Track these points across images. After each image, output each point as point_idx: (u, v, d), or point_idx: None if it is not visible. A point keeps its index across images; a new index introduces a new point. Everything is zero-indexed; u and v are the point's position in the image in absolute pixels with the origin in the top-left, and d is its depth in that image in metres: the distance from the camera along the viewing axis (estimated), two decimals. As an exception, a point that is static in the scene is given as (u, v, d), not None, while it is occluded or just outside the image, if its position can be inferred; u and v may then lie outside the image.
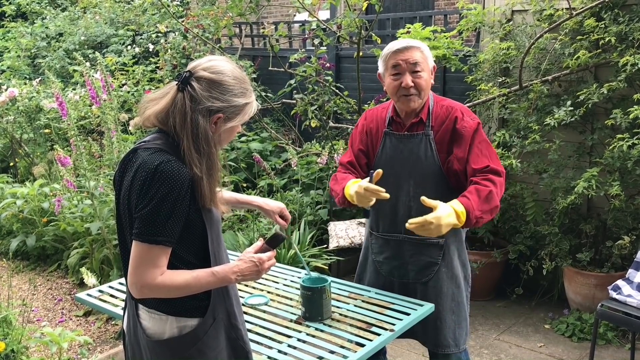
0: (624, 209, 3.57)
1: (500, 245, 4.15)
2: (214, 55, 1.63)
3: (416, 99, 2.23)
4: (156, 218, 1.49)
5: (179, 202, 1.50)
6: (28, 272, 4.70)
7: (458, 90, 4.70)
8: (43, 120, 5.88)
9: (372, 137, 2.39)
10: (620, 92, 3.55)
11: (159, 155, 1.53)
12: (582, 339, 3.57)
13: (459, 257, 2.38)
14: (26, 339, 3.16)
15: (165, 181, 1.49)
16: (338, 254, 4.17)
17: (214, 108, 1.56)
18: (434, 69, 2.30)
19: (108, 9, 8.76)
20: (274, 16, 9.20)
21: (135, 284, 1.52)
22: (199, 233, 1.60)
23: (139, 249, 1.51)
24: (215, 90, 1.56)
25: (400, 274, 2.39)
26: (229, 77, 1.59)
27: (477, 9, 4.21)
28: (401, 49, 2.21)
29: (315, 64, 4.60)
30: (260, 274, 1.67)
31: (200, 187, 1.54)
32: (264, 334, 2.10)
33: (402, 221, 2.32)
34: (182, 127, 1.54)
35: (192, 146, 1.53)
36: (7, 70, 8.31)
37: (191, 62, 1.62)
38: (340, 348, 1.98)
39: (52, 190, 4.78)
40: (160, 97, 1.59)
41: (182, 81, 1.56)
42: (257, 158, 4.57)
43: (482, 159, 2.19)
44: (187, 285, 1.55)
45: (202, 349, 1.62)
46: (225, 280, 1.61)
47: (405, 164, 2.29)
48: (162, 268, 1.52)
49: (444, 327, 2.33)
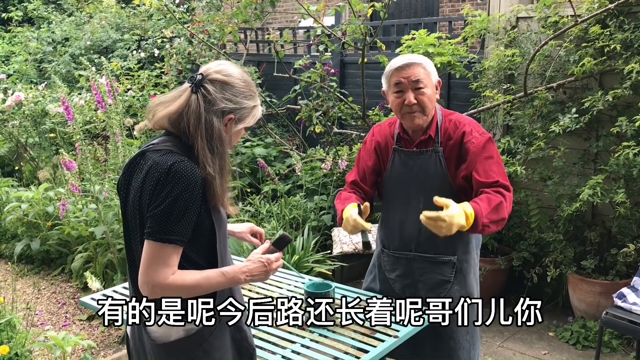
0: (629, 217, 3.56)
1: (505, 252, 4.14)
2: (219, 60, 1.67)
3: (420, 115, 2.20)
4: (169, 217, 1.51)
5: (192, 202, 1.53)
6: (32, 276, 4.71)
7: (463, 96, 4.70)
8: (48, 124, 5.91)
9: (382, 153, 2.36)
10: (625, 99, 3.55)
11: (171, 156, 1.55)
12: (587, 347, 3.55)
13: (474, 275, 2.34)
14: (30, 343, 3.17)
15: (179, 180, 1.51)
16: (342, 259, 4.17)
17: (226, 109, 1.60)
18: (439, 84, 2.26)
19: (114, 14, 8.81)
20: (279, 22, 9.24)
21: (147, 283, 1.53)
22: (207, 234, 1.61)
23: (151, 248, 1.52)
24: (228, 92, 1.61)
25: (412, 292, 2.34)
26: (239, 79, 1.64)
27: (481, 16, 4.22)
28: (403, 67, 2.19)
29: (320, 70, 4.61)
30: (269, 274, 1.69)
31: (213, 187, 1.56)
32: (268, 340, 2.10)
33: (412, 239, 2.31)
34: (196, 127, 1.56)
35: (207, 146, 1.56)
36: (14, 74, 8.36)
37: (202, 67, 1.66)
38: (344, 354, 1.98)
39: (56, 194, 4.79)
40: (172, 100, 1.61)
41: (195, 83, 1.59)
42: (262, 163, 4.58)
43: (491, 174, 2.15)
44: (198, 285, 1.57)
45: (207, 350, 1.63)
46: (235, 280, 1.63)
47: (414, 181, 2.27)
48: (173, 267, 1.53)
49: (458, 347, 2.29)
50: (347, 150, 4.76)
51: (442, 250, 2.28)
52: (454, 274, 2.29)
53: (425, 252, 2.29)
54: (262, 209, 4.60)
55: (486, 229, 2.05)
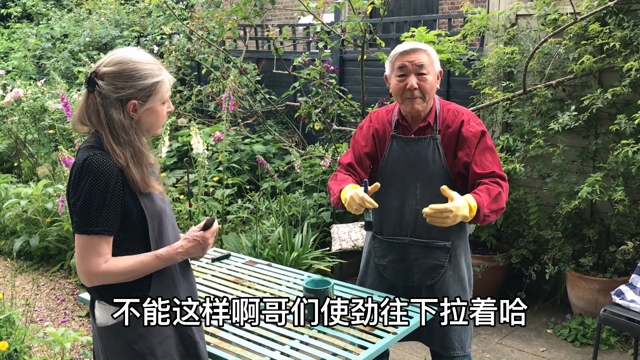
0: (628, 214, 3.57)
1: (503, 249, 4.14)
2: (114, 50, 1.74)
3: (420, 101, 2.24)
4: (89, 209, 1.59)
5: (109, 192, 1.59)
6: (31, 272, 4.71)
7: (462, 94, 4.70)
8: (47, 120, 5.91)
9: (379, 140, 2.38)
10: (624, 97, 3.55)
11: (87, 151, 1.63)
12: (585, 344, 3.56)
13: (465, 260, 2.38)
14: (29, 339, 3.17)
15: (90, 173, 1.59)
16: (341, 256, 4.17)
17: (123, 97, 1.64)
18: (440, 74, 2.30)
19: (113, 10, 8.80)
20: (279, 19, 9.22)
21: (83, 274, 1.63)
22: (138, 222, 1.67)
23: (80, 241, 1.61)
24: (119, 81, 1.63)
25: (405, 277, 2.38)
26: (130, 63, 1.66)
27: (481, 13, 4.22)
28: (408, 51, 2.23)
29: (320, 67, 4.61)
30: (206, 249, 1.76)
31: (129, 174, 1.63)
32: (266, 336, 2.10)
33: (408, 224, 2.34)
34: (99, 124, 1.64)
35: (111, 139, 1.63)
36: (12, 70, 8.35)
37: (96, 62, 1.71)
38: (343, 351, 1.98)
39: (55, 191, 4.79)
40: (79, 104, 1.70)
41: (88, 83, 1.65)
42: (261, 160, 4.58)
43: (487, 164, 2.22)
44: (132, 270, 1.64)
45: (143, 334, 1.69)
46: (171, 260, 1.70)
47: (412, 167, 2.30)
48: (105, 256, 1.61)
49: (450, 329, 2.33)
50: (347, 147, 4.76)
51: (437, 235, 2.31)
52: (448, 258, 2.32)
53: (420, 237, 2.32)
54: (261, 206, 4.60)
55: (487, 219, 2.13)
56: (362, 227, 4.22)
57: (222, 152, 4.33)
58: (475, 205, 2.08)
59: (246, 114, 5.91)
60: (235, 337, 2.08)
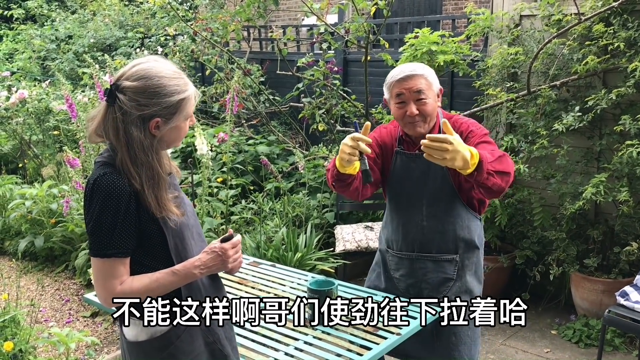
0: (632, 215, 3.56)
1: (507, 250, 4.14)
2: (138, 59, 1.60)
3: (422, 124, 2.20)
4: (100, 232, 1.51)
5: (120, 215, 1.50)
6: (36, 273, 4.73)
7: (466, 95, 4.70)
8: (52, 121, 5.93)
9: (386, 154, 2.36)
10: (629, 97, 3.54)
11: (100, 169, 1.54)
12: (589, 345, 3.55)
13: (475, 274, 2.34)
14: (34, 339, 3.18)
15: (100, 195, 1.50)
16: (345, 257, 4.17)
17: (146, 115, 1.52)
18: (440, 92, 2.26)
19: (117, 12, 8.82)
20: (282, 20, 9.23)
21: (100, 297, 1.57)
22: (158, 240, 1.58)
23: (95, 264, 1.54)
24: (142, 97, 1.51)
25: (415, 292, 2.36)
26: (155, 79, 1.53)
27: (485, 14, 4.21)
28: (404, 78, 2.17)
29: (323, 68, 4.62)
30: (226, 262, 1.63)
31: (144, 198, 1.53)
32: (270, 337, 2.10)
33: (414, 240, 2.32)
34: (117, 140, 1.53)
35: (128, 158, 1.51)
36: (17, 71, 8.38)
37: (117, 72, 1.58)
38: (347, 351, 1.99)
39: (60, 192, 4.81)
40: (96, 115, 1.58)
41: (108, 95, 1.53)
42: (265, 161, 4.59)
43: (489, 153, 2.08)
44: (148, 289, 1.56)
45: (174, 354, 1.61)
46: (190, 276, 1.59)
47: (417, 183, 2.28)
48: (121, 277, 1.54)
49: (460, 343, 2.30)
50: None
51: (445, 249, 2.29)
52: (456, 272, 2.30)
53: (428, 252, 2.30)
54: (265, 207, 4.61)
55: (491, 178, 1.94)
56: (366, 229, 4.22)
57: (226, 153, 4.34)
58: (477, 155, 1.89)
59: (250, 114, 5.91)
60: (239, 338, 2.08)
